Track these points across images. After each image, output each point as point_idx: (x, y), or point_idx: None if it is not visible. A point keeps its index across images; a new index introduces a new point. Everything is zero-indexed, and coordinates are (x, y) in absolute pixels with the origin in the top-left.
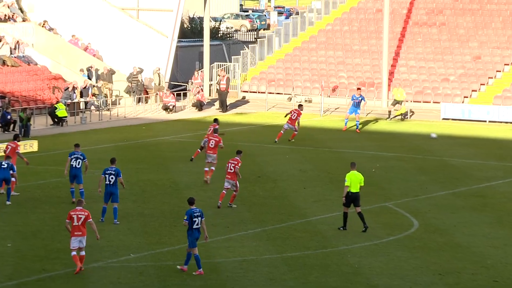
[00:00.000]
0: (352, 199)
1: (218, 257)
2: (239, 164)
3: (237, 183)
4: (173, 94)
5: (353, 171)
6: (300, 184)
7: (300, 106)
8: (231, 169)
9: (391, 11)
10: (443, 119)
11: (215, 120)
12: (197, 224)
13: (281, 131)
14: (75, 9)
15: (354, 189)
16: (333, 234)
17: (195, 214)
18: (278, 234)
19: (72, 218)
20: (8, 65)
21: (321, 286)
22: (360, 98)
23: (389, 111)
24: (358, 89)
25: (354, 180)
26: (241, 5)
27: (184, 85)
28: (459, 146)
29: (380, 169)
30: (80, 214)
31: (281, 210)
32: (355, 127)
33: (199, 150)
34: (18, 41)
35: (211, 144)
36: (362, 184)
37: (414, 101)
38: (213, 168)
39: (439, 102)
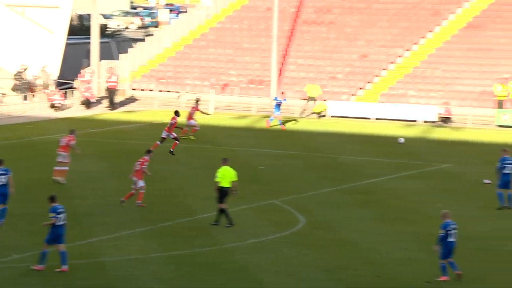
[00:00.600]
0: (224, 194)
1: (106, 256)
2: (146, 163)
3: (141, 182)
4: (61, 92)
5: (225, 166)
6: (189, 182)
7: (197, 101)
8: (137, 168)
9: (280, 9)
10: (332, 116)
11: (176, 113)
12: (62, 221)
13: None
14: None
15: (226, 184)
16: (221, 232)
17: (59, 211)
18: (167, 233)
19: None
20: None
21: (208, 284)
22: (282, 101)
23: (304, 109)
24: (282, 93)
25: (226, 176)
26: (131, 2)
27: (71, 83)
28: (346, 143)
29: (270, 167)
30: None
31: (170, 208)
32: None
33: (159, 143)
34: None
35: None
36: (236, 179)
37: (302, 99)
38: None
39: (325, 100)
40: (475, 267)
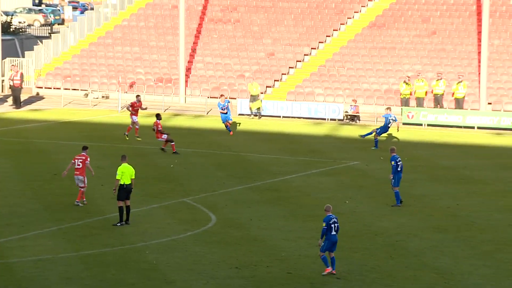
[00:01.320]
0: (127, 191)
1: (12, 257)
2: (88, 159)
3: (85, 179)
4: None
5: (124, 163)
6: (98, 181)
7: (137, 96)
8: (79, 165)
9: (186, 7)
10: (239, 114)
11: (157, 116)
12: None
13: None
14: None
15: (128, 181)
16: (131, 231)
17: None
18: (75, 232)
19: None
20: None
21: (119, 283)
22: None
23: (250, 108)
24: (221, 95)
25: (126, 173)
26: None
27: None
28: (255, 141)
29: (179, 165)
30: None
31: (78, 208)
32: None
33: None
34: None
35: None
36: (133, 177)
37: (210, 97)
38: None
39: (235, 98)
40: (384, 263)
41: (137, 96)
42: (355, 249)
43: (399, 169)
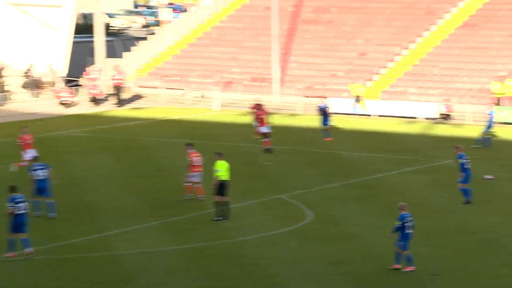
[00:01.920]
0: (225, 187)
1: (118, 250)
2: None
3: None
4: (71, 89)
5: (221, 160)
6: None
7: (258, 105)
8: (199, 162)
9: (279, 8)
10: (333, 113)
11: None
12: (23, 210)
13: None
14: None
15: (226, 177)
16: (231, 226)
17: (17, 200)
18: (178, 227)
19: None
20: None
21: (220, 276)
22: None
23: (356, 106)
24: (322, 97)
25: (224, 169)
26: (134, 1)
27: (77, 80)
28: (348, 139)
29: (274, 163)
30: None
31: (180, 203)
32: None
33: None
34: None
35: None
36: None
37: (305, 96)
38: None
39: (326, 97)
40: (477, 261)
41: (258, 104)
42: (448, 246)
43: (466, 166)
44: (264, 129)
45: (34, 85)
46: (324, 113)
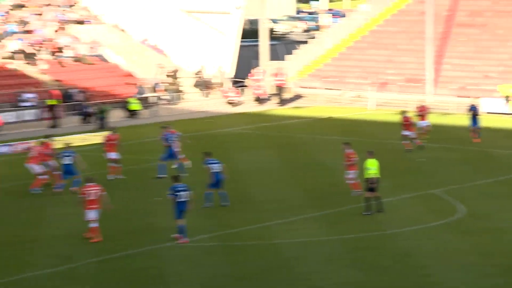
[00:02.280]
0: (375, 183)
1: (280, 239)
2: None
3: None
4: (237, 89)
5: (371, 158)
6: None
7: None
8: (355, 161)
9: (434, 13)
10: (487, 113)
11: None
12: (182, 198)
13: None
14: (143, 12)
15: (375, 174)
16: (385, 219)
17: (179, 189)
18: (335, 218)
19: (88, 193)
20: (85, 63)
21: (375, 265)
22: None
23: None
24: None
25: (373, 167)
26: (297, 8)
27: (243, 81)
28: (501, 138)
29: (427, 159)
30: (94, 190)
31: (338, 196)
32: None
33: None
34: (93, 41)
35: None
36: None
37: (457, 96)
38: None
39: (479, 97)
40: None
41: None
42: None
43: None
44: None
45: (204, 85)
46: (474, 114)
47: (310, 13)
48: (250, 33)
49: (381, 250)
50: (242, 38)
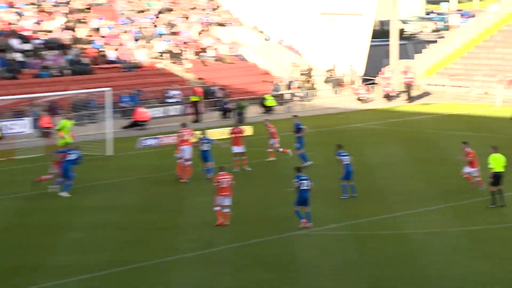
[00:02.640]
0: (498, 178)
1: (408, 229)
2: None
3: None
4: (367, 87)
5: (495, 153)
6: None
7: None
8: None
9: None
10: None
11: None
12: (306, 186)
13: None
14: (279, 15)
15: (499, 169)
16: (510, 211)
17: (302, 178)
18: (461, 210)
19: (221, 181)
20: (225, 62)
21: (502, 257)
22: None
23: None
24: None
25: (497, 162)
26: (426, 8)
27: (373, 79)
28: None
29: None
30: (226, 178)
31: (462, 189)
32: None
33: None
34: (233, 42)
35: None
36: (505, 164)
37: None
38: None
39: None
40: None
41: None
42: None
43: None
44: None
45: (336, 83)
46: None
47: (439, 14)
48: (380, 33)
49: (507, 241)
50: (373, 38)
